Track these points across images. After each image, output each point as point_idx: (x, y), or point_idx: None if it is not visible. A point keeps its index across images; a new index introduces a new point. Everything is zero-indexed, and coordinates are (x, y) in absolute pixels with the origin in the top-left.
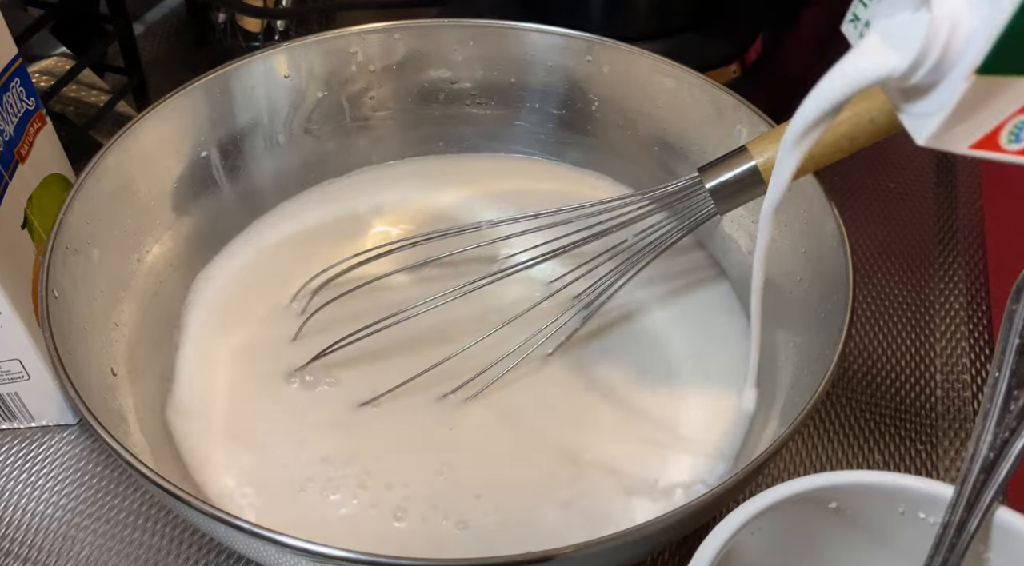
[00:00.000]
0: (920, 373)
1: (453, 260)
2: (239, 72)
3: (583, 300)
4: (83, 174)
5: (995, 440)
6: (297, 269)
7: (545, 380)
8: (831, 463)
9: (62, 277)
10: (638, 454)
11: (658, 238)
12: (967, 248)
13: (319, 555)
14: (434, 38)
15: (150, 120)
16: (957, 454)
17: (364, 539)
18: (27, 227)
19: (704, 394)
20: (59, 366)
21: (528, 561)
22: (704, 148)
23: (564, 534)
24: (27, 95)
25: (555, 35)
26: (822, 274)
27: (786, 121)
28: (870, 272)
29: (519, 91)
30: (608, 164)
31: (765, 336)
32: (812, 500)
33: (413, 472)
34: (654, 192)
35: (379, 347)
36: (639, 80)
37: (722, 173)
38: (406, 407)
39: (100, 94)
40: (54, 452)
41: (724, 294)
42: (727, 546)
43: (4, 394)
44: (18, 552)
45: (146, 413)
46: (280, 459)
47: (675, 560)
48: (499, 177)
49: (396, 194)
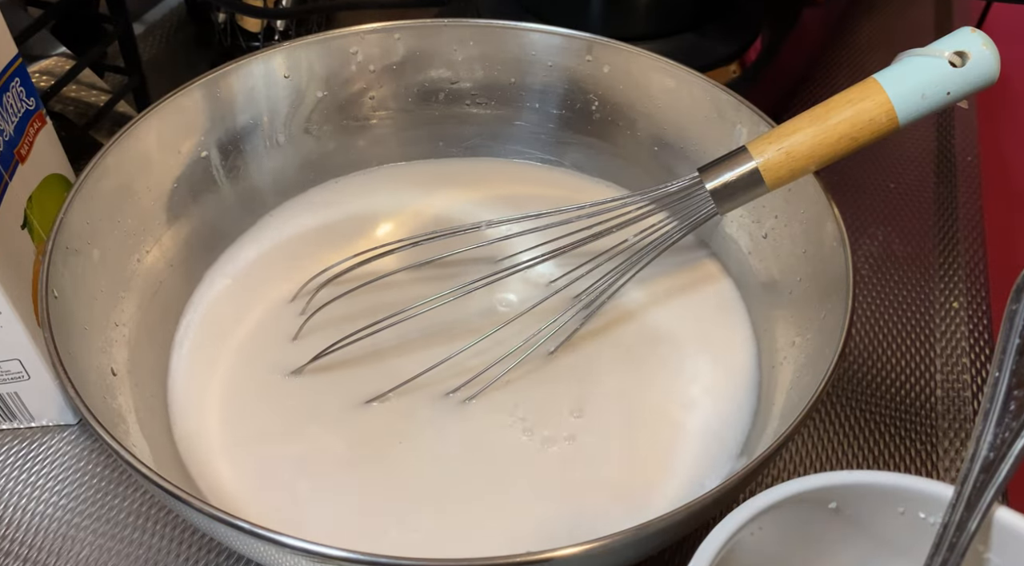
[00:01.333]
0: (920, 373)
1: (453, 260)
2: (239, 72)
3: (583, 300)
4: (83, 174)
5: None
6: (297, 269)
7: (546, 379)
8: (831, 463)
9: (62, 277)
10: (639, 453)
11: (658, 238)
12: (967, 248)
13: (319, 555)
14: (434, 38)
15: (150, 120)
16: (957, 454)
17: (365, 539)
18: (27, 227)
19: (704, 393)
20: (59, 366)
21: (528, 561)
22: (704, 148)
23: (564, 533)
24: (27, 95)
25: (555, 35)
26: (822, 274)
27: (786, 121)
28: (870, 272)
29: (519, 91)
30: (608, 164)
31: (765, 336)
32: (812, 500)
33: (414, 471)
34: (654, 192)
35: (380, 347)
36: (639, 80)
37: (722, 173)
38: (407, 407)
39: (100, 94)
40: (54, 452)
41: (724, 294)
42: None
43: (4, 394)
44: (18, 552)
45: (146, 413)
46: (280, 458)
47: (675, 560)
48: (499, 177)
49: (396, 194)
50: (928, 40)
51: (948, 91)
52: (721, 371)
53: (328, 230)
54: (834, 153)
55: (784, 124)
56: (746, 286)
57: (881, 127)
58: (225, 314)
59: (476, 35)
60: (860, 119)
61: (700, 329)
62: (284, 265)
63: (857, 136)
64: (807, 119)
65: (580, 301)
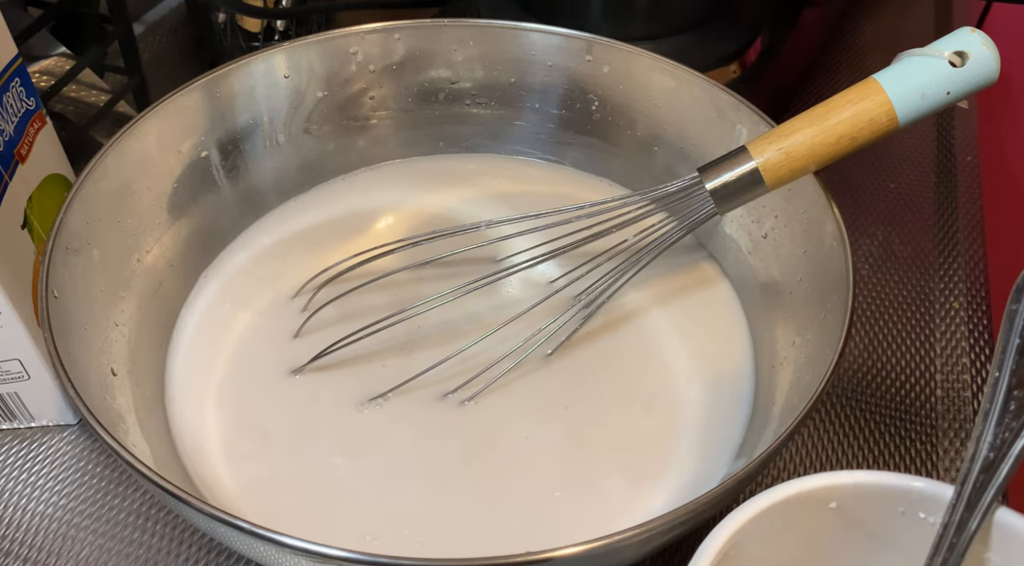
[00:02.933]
0: (920, 373)
1: (454, 260)
2: (239, 72)
3: (583, 300)
4: (83, 174)
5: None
6: (297, 269)
7: (545, 379)
8: (831, 463)
9: (62, 277)
10: (638, 453)
11: (658, 238)
12: (967, 248)
13: (319, 555)
14: (434, 38)
15: (150, 120)
16: (957, 454)
17: (366, 538)
18: (27, 227)
19: (704, 393)
20: (59, 366)
21: (528, 561)
22: (704, 148)
23: (564, 533)
24: (27, 95)
25: (555, 35)
26: (822, 274)
27: (786, 121)
28: (870, 272)
29: (519, 91)
30: (608, 164)
31: (765, 336)
32: (812, 500)
33: (413, 471)
34: (654, 192)
35: (380, 346)
36: (639, 80)
37: (722, 173)
38: (406, 406)
39: (100, 94)
40: (54, 452)
41: (724, 294)
42: (727, 546)
43: (4, 394)
44: (18, 552)
45: (146, 413)
46: (281, 457)
47: (675, 560)
48: (499, 177)
49: (396, 194)
50: (928, 40)
51: (948, 91)
52: (720, 371)
53: (328, 229)
54: (834, 153)
55: (784, 124)
56: (746, 286)
57: (881, 127)
58: (225, 314)
59: (476, 35)
60: (860, 119)
61: (699, 330)
62: (284, 265)
63: (857, 136)
64: (807, 119)
65: (580, 301)
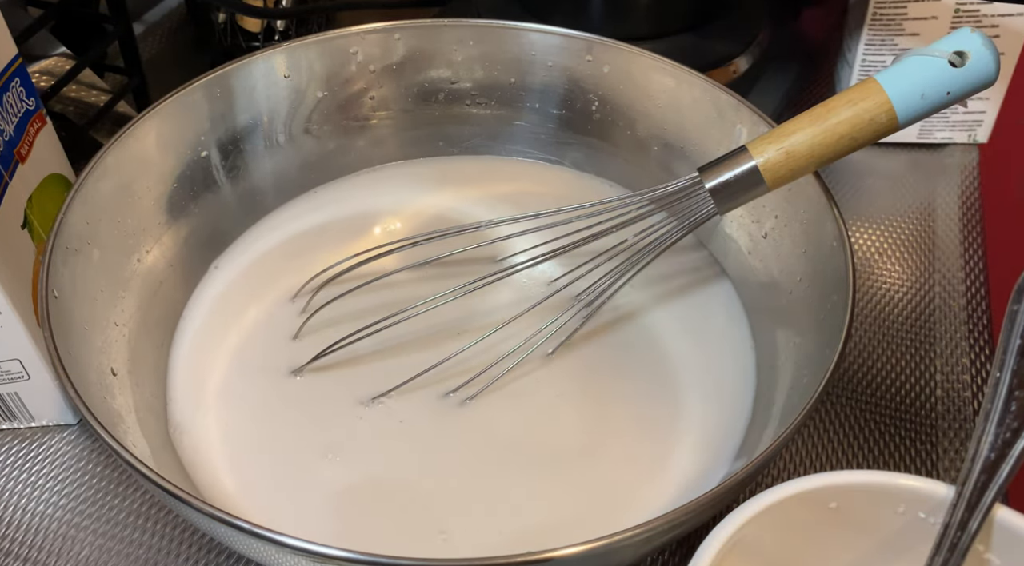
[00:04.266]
0: (920, 373)
1: (454, 260)
2: (239, 72)
3: (583, 300)
4: (83, 174)
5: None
6: (297, 269)
7: (545, 379)
8: (831, 463)
9: (62, 277)
10: (638, 453)
11: (658, 238)
12: (967, 248)
13: (319, 555)
14: (434, 38)
15: (150, 120)
16: (957, 454)
17: (366, 538)
18: (27, 227)
19: (704, 394)
20: (59, 366)
21: (528, 561)
22: (704, 148)
23: (564, 533)
24: (27, 95)
25: (555, 35)
26: (822, 274)
27: (786, 121)
28: (870, 272)
29: (519, 91)
30: (608, 164)
31: (765, 336)
32: (812, 500)
33: (413, 471)
34: (654, 192)
35: (380, 346)
36: (639, 80)
37: (722, 173)
38: (407, 406)
39: (100, 94)
40: (54, 452)
41: (724, 294)
42: (727, 546)
43: (4, 394)
44: (18, 552)
45: (146, 413)
46: (281, 457)
47: (675, 560)
48: (499, 178)
49: (396, 194)
50: None
51: (948, 91)
52: (720, 371)
53: (328, 230)
54: (834, 153)
55: (784, 124)
56: (746, 286)
57: (881, 127)
58: (225, 314)
59: (476, 35)
60: (860, 119)
61: (700, 329)
62: (284, 265)
63: (857, 136)
64: (807, 119)
65: (580, 301)
